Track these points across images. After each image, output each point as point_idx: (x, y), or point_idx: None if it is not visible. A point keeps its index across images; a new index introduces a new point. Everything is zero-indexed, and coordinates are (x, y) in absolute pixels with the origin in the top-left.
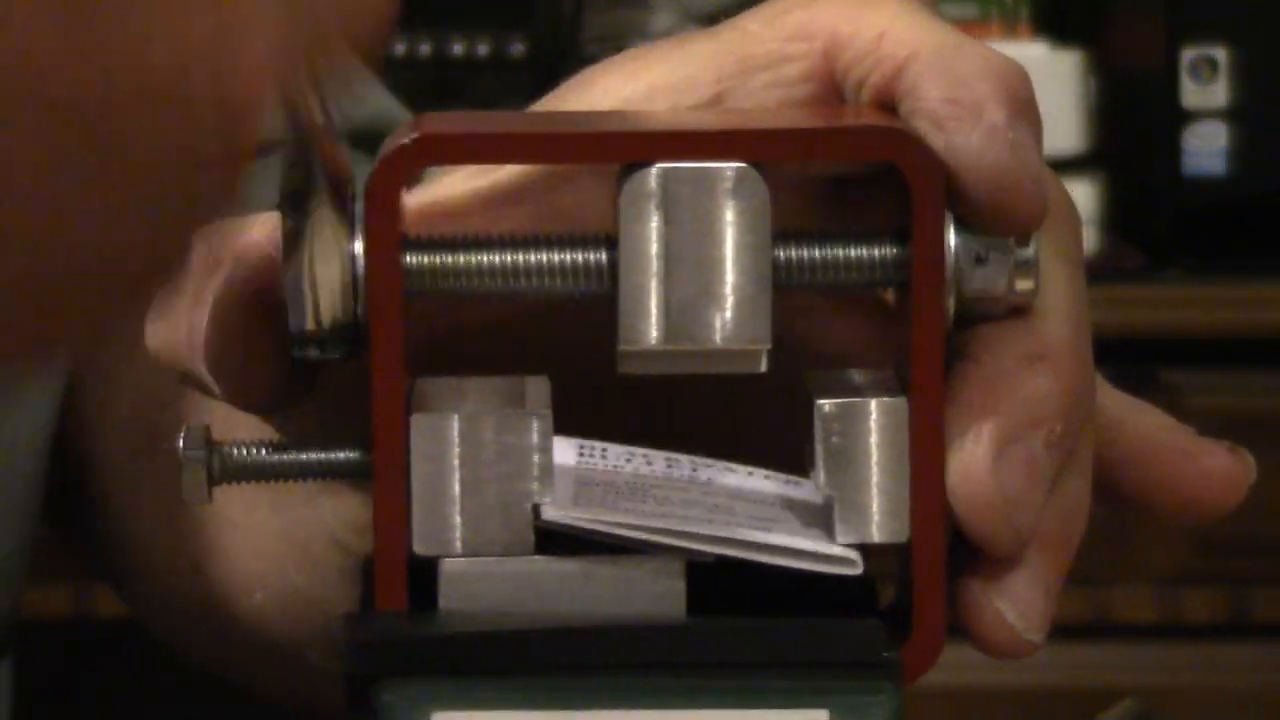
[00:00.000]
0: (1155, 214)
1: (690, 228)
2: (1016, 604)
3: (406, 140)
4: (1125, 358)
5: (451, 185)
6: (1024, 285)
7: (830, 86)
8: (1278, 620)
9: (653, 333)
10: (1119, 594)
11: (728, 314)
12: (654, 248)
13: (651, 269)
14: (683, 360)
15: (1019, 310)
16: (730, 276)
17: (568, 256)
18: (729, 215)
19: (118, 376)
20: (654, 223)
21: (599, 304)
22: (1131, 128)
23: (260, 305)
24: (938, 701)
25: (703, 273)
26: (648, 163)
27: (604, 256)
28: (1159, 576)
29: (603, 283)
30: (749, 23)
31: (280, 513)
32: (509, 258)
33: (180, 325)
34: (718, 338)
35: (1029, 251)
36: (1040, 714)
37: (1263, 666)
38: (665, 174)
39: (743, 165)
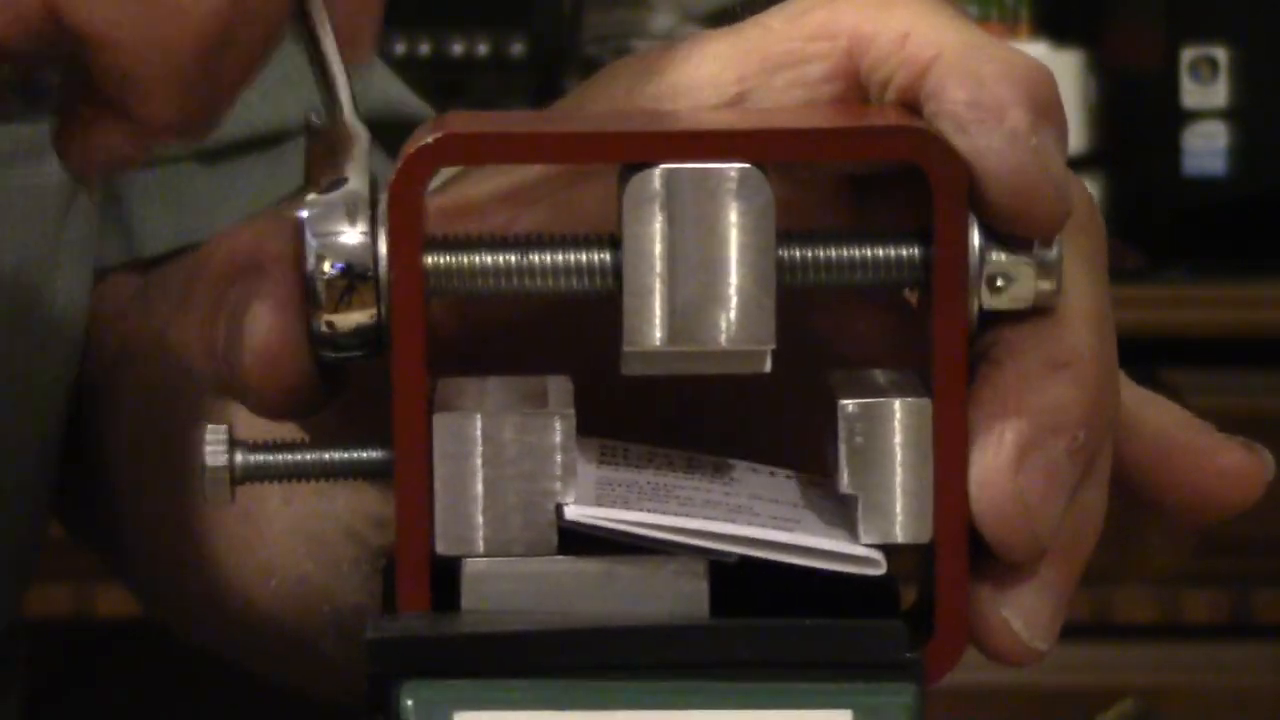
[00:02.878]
0: (1155, 214)
1: (694, 228)
2: (1023, 612)
3: (429, 140)
4: (1125, 358)
5: (473, 183)
6: (1046, 286)
7: (854, 85)
8: (1278, 620)
9: (657, 334)
10: (1119, 594)
11: (732, 315)
12: (658, 248)
13: (655, 270)
14: (687, 361)
15: (1041, 311)
16: (734, 277)
17: (572, 257)
18: (732, 216)
19: (125, 365)
20: (658, 223)
21: (616, 303)
22: (1131, 128)
23: (302, 316)
24: (938, 701)
25: (706, 273)
26: (651, 163)
27: (608, 257)
28: (1159, 576)
29: (607, 283)
30: (771, 20)
31: (291, 504)
32: (513, 258)
33: (218, 334)
34: (722, 338)
35: (1052, 253)
36: (1040, 714)
37: (1263, 666)
38: (669, 175)
39: (746, 166)
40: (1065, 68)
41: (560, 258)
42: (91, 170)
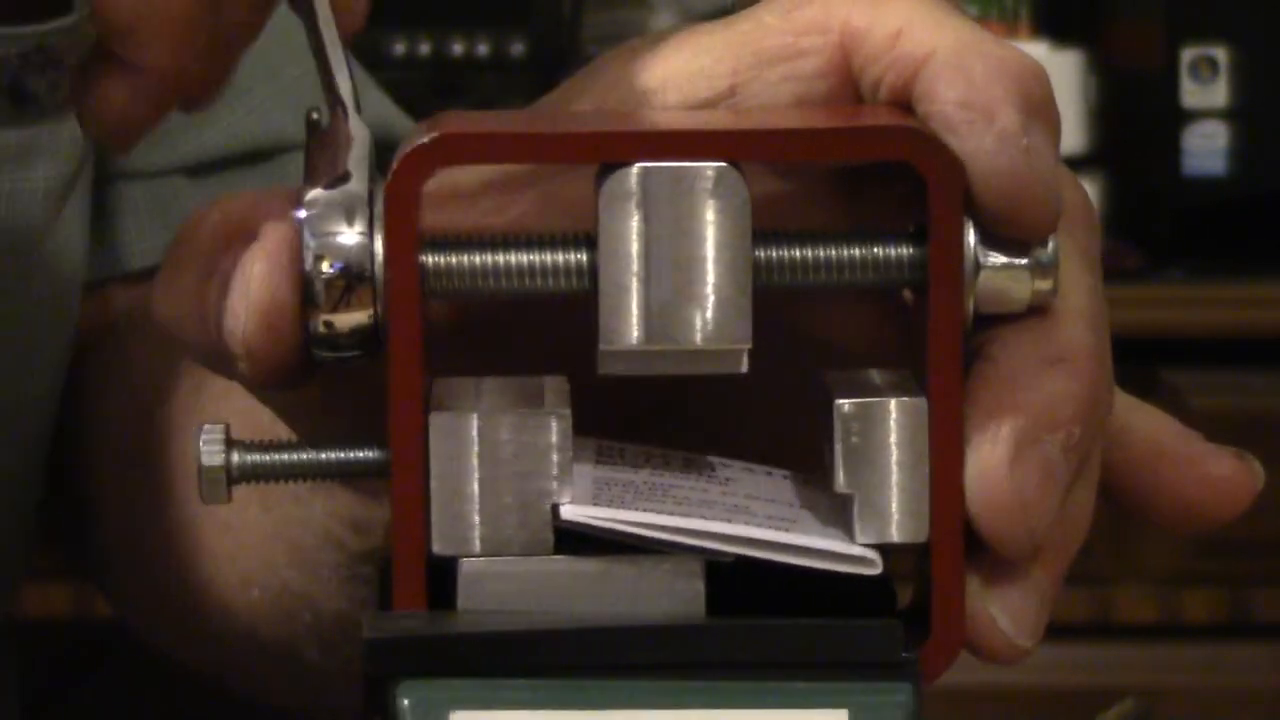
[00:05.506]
0: (1155, 214)
1: (670, 227)
2: (1009, 609)
3: (425, 140)
4: (1125, 358)
5: (461, 169)
6: (1042, 285)
7: (846, 81)
8: (1278, 620)
9: (633, 333)
10: (1119, 594)
11: (708, 314)
12: (634, 247)
13: (631, 269)
14: (663, 360)
15: (1037, 310)
16: (710, 276)
17: (547, 257)
18: (709, 215)
19: (109, 379)
20: (634, 222)
21: (593, 302)
22: (1131, 128)
23: (296, 285)
24: (938, 701)
25: (683, 273)
26: (626, 162)
27: (584, 256)
28: (1159, 576)
29: (583, 282)
30: (764, 14)
31: (270, 511)
32: (488, 258)
33: (207, 302)
34: (698, 338)
35: (1047, 251)
36: (1040, 714)
37: (1263, 666)
38: (644, 173)
39: (722, 164)
40: (1065, 68)
41: (532, 258)
42: (107, 133)
